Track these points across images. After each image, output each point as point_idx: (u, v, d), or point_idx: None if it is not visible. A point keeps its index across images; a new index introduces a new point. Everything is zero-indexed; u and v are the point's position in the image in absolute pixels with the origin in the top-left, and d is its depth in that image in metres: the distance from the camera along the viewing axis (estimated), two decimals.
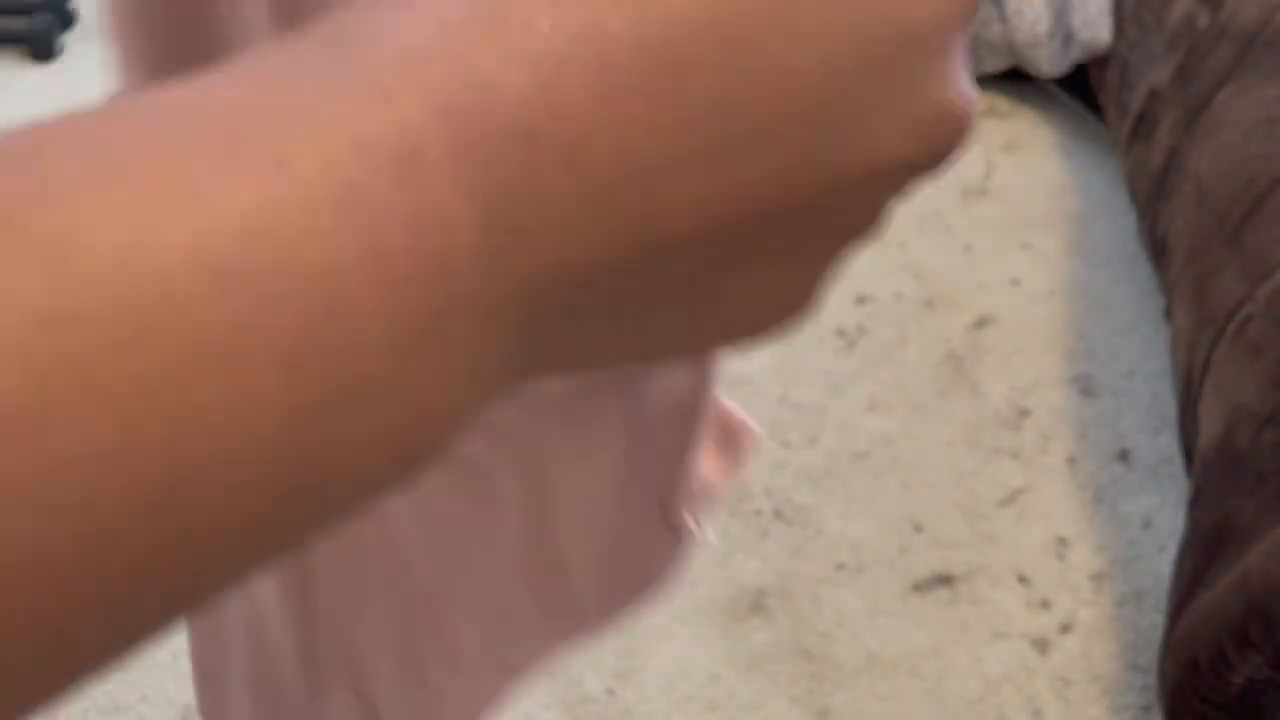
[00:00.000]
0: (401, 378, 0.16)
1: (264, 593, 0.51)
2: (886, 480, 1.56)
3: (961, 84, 0.21)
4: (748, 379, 1.70)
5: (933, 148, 0.20)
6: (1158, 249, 1.70)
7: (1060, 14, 2.24)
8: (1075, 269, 1.96)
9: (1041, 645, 1.36)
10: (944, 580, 1.43)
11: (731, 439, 0.56)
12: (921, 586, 1.43)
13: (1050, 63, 2.28)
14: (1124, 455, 1.62)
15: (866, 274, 1.92)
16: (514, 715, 1.23)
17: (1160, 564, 1.46)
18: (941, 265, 1.95)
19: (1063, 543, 1.49)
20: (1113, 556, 1.47)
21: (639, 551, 0.56)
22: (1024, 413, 1.68)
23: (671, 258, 0.18)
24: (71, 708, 1.19)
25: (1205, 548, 1.20)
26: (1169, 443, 1.63)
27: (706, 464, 0.54)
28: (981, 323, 1.84)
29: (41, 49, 2.38)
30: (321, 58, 0.17)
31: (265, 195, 0.15)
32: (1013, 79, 2.44)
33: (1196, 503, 1.27)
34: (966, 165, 2.21)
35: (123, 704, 1.21)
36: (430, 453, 0.17)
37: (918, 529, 1.49)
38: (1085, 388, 1.72)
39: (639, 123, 0.17)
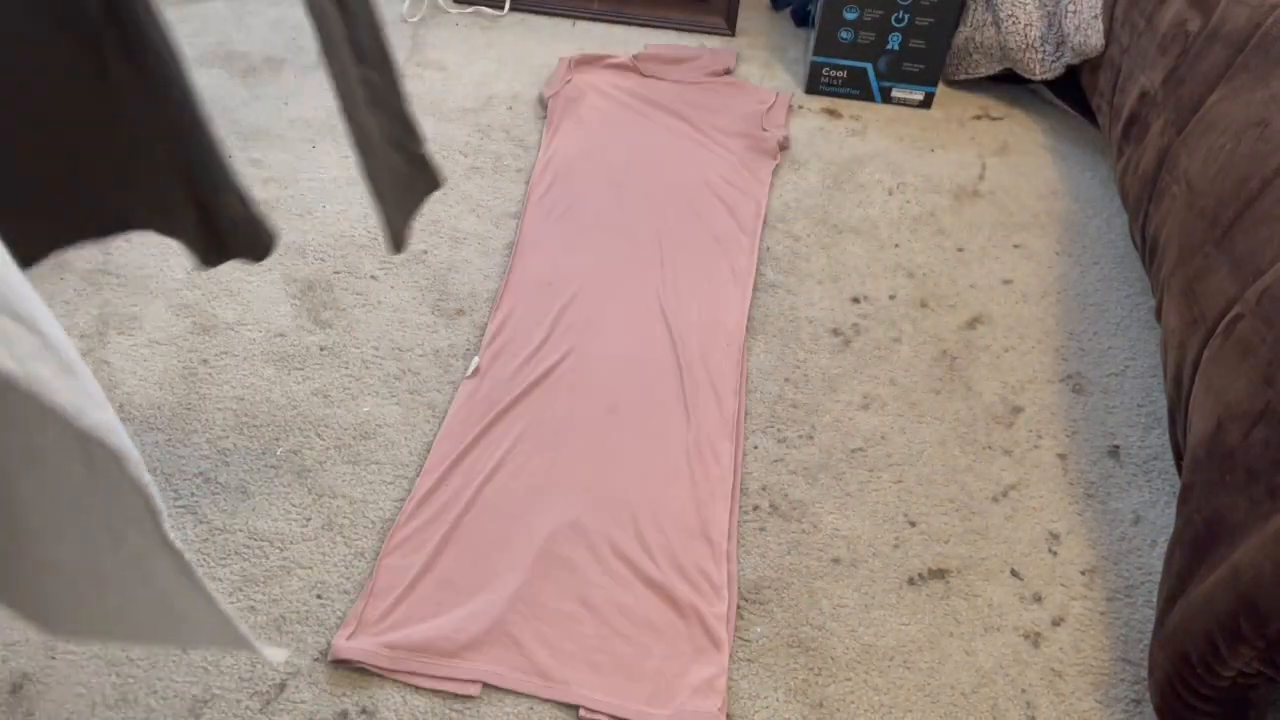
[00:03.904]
0: None
1: None
2: (881, 476, 1.57)
3: None
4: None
5: None
6: (1148, 250, 1.71)
7: (1052, 18, 2.25)
8: (1066, 269, 1.98)
9: (1034, 638, 1.38)
10: (938, 574, 1.45)
11: None
12: (916, 580, 1.44)
13: (1042, 66, 2.30)
14: (1115, 452, 1.63)
15: (862, 274, 1.93)
16: (515, 709, 1.24)
17: (1151, 559, 1.48)
18: (935, 265, 1.97)
19: (1054, 538, 1.50)
20: (1104, 551, 1.49)
21: None
22: (1016, 410, 1.69)
23: None
24: (78, 701, 1.20)
25: (1195, 543, 1.21)
26: (1159, 439, 1.65)
27: None
28: (974, 322, 1.86)
29: None
30: None
31: None
32: (1005, 82, 2.46)
33: (1186, 499, 1.27)
34: (960, 167, 2.23)
35: (130, 697, 1.21)
36: None
37: (912, 524, 1.51)
38: (1076, 386, 1.74)
39: None
